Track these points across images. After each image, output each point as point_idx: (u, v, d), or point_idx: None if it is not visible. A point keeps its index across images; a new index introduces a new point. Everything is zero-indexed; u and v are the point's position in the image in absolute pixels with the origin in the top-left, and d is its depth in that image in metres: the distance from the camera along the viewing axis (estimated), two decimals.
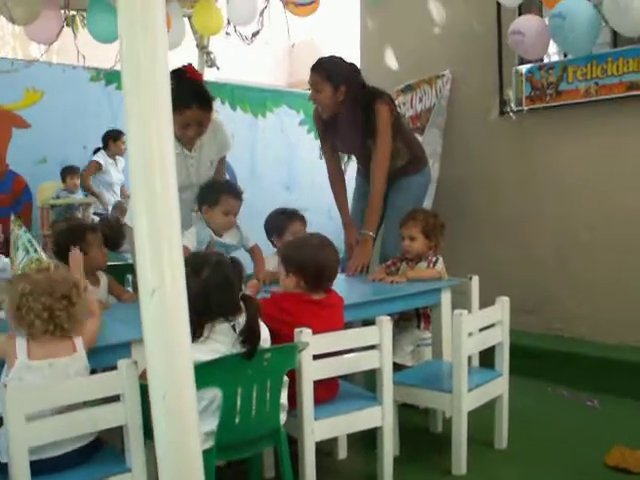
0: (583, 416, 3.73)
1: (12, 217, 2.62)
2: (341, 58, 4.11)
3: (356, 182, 4.53)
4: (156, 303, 1.33)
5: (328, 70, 3.98)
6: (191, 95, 3.43)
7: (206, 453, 2.17)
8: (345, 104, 3.99)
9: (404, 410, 3.22)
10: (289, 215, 3.86)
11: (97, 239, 3.29)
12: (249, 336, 2.35)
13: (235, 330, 2.39)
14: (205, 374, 2.16)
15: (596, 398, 3.91)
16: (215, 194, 3.48)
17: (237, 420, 2.34)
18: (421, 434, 3.45)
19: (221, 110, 7.95)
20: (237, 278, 2.46)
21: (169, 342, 1.35)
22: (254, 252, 3.65)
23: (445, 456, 3.04)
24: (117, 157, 7.26)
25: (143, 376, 2.08)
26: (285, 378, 2.50)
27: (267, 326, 2.52)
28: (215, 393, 2.29)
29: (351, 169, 4.58)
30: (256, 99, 9.12)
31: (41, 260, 2.35)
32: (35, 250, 2.33)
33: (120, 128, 7.07)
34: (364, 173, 4.37)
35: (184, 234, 3.34)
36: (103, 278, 3.34)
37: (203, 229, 3.47)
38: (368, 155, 4.11)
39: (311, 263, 2.79)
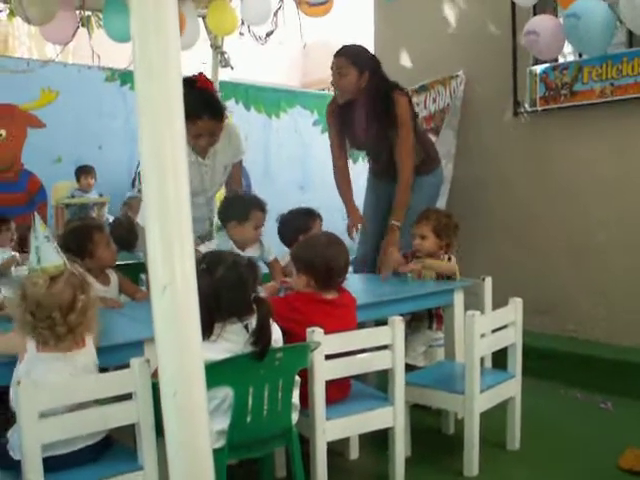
0: (597, 419, 3.71)
1: (32, 216, 2.61)
2: (365, 47, 4.13)
3: (368, 183, 4.52)
4: (167, 299, 1.33)
5: (354, 55, 4.00)
6: (202, 105, 3.39)
7: (218, 452, 2.19)
8: (365, 91, 3.99)
9: (416, 411, 3.21)
10: (310, 214, 3.86)
11: (104, 238, 3.29)
12: (260, 337, 2.35)
13: (248, 330, 2.38)
14: (217, 373, 2.17)
15: (610, 400, 3.88)
16: (245, 210, 3.47)
17: (249, 419, 2.34)
18: (433, 435, 3.44)
19: (235, 110, 7.99)
20: (252, 279, 2.45)
21: (180, 338, 1.35)
22: (273, 266, 3.66)
23: (457, 457, 3.03)
24: None
25: (155, 375, 2.09)
26: (297, 378, 2.50)
27: (279, 326, 2.52)
28: (227, 392, 2.29)
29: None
30: (270, 99, 9.16)
31: (44, 270, 2.25)
32: (38, 260, 2.26)
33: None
34: (376, 171, 4.37)
35: (205, 245, 3.37)
36: (113, 276, 3.34)
37: (226, 242, 3.47)
38: (382, 148, 4.10)
39: (320, 262, 2.78)
